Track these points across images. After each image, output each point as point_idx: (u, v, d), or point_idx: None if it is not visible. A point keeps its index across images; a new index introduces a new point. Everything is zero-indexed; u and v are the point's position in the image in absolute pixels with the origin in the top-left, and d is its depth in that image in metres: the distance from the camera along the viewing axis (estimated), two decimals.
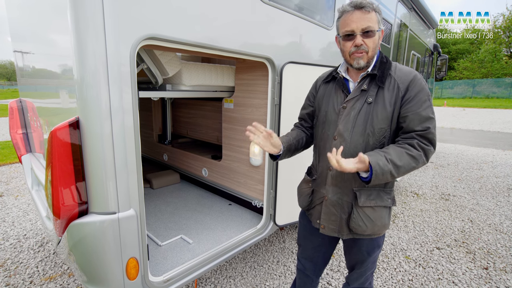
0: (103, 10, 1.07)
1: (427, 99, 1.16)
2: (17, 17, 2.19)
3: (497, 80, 27.59)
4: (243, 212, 2.47)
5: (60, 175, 1.16)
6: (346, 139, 1.24)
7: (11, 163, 5.61)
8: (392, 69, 1.22)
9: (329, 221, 1.33)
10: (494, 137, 9.42)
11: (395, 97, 1.17)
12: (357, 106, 1.22)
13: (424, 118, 1.15)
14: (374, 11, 1.17)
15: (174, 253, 1.84)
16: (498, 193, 4.30)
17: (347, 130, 1.24)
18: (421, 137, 1.14)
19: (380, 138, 1.21)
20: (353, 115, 1.22)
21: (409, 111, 1.15)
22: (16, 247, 2.71)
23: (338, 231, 1.33)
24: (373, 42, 1.19)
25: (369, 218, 1.24)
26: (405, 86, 1.17)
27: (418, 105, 1.15)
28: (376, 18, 1.18)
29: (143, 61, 2.00)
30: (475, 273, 2.42)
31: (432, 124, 1.15)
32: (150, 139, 3.88)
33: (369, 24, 1.16)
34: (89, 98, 1.13)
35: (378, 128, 1.19)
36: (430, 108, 1.17)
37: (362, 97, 1.22)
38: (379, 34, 1.20)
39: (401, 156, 1.12)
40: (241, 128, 2.44)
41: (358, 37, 1.17)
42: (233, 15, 1.59)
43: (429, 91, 1.20)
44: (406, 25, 4.11)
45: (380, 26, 1.20)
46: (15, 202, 3.72)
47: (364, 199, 1.25)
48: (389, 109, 1.18)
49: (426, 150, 1.14)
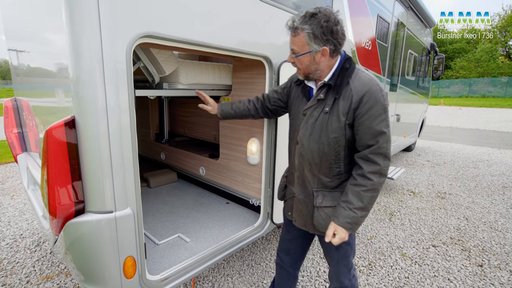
0: (98, 8, 1.06)
1: (382, 113, 1.16)
2: (11, 14, 2.16)
3: (493, 80, 27.79)
4: (241, 211, 2.47)
5: (56, 174, 1.15)
6: (304, 145, 1.31)
7: (7, 163, 5.57)
8: (352, 76, 1.21)
9: (298, 216, 1.44)
10: (490, 136, 9.50)
11: (348, 107, 1.18)
12: (314, 114, 1.27)
13: (377, 133, 1.16)
14: (305, 34, 1.15)
15: (172, 251, 1.84)
16: (493, 191, 4.34)
17: (305, 136, 1.30)
18: (372, 154, 1.17)
19: (335, 146, 1.24)
20: (311, 122, 1.28)
21: (362, 125, 1.17)
22: (12, 246, 2.69)
23: (305, 226, 1.43)
24: (300, 63, 1.24)
25: (328, 217, 1.30)
26: (359, 99, 1.16)
27: (371, 120, 1.16)
28: (303, 41, 1.17)
29: (139, 59, 1.98)
30: (470, 270, 2.45)
31: (383, 138, 1.16)
32: (147, 138, 3.86)
33: (292, 47, 1.22)
34: (85, 96, 1.12)
35: (332, 137, 1.23)
36: (384, 122, 1.17)
37: (319, 106, 1.26)
38: (312, 55, 1.20)
39: (360, 197, 1.19)
40: (238, 126, 2.44)
41: (289, 55, 1.26)
42: (231, 13, 1.58)
43: (386, 104, 1.18)
44: (403, 24, 4.12)
45: (313, 47, 1.17)
46: (11, 202, 3.69)
47: (321, 200, 1.32)
48: (342, 119, 1.20)
49: (378, 170, 1.17)
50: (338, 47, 1.21)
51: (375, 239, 2.91)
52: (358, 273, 2.39)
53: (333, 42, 1.18)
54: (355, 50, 2.90)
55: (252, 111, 1.68)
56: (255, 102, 1.67)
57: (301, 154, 1.34)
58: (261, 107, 1.66)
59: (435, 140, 8.62)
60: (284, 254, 1.65)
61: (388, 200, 3.95)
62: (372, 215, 3.46)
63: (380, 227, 3.18)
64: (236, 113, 1.71)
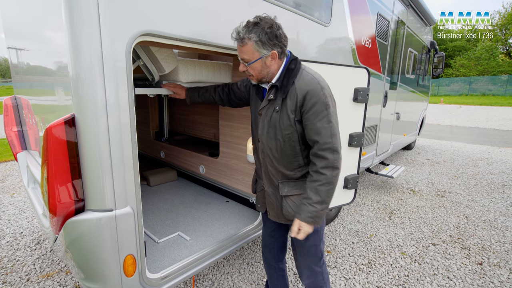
0: (98, 6, 1.06)
1: (324, 109, 1.26)
2: (11, 13, 2.16)
3: (493, 78, 27.76)
4: (241, 209, 2.48)
5: (56, 172, 1.15)
6: (263, 142, 1.41)
7: (6, 161, 5.57)
8: (297, 76, 1.31)
9: (270, 209, 1.52)
10: (490, 134, 9.50)
11: (295, 105, 1.28)
12: (268, 113, 1.36)
13: (320, 129, 1.26)
14: (253, 42, 1.23)
15: (172, 250, 1.84)
16: (493, 190, 4.35)
17: (263, 134, 1.40)
18: (320, 150, 1.27)
19: (290, 142, 1.34)
20: (266, 121, 1.37)
21: (307, 121, 1.28)
22: (12, 245, 2.69)
23: (278, 218, 1.51)
24: (253, 70, 1.31)
25: (295, 204, 1.40)
26: (302, 97, 1.26)
27: (314, 116, 1.26)
28: (252, 48, 1.25)
29: (139, 58, 1.98)
30: (469, 268, 2.46)
31: (326, 134, 1.26)
32: (147, 136, 3.86)
33: (243, 56, 1.29)
34: (85, 95, 1.12)
35: (285, 134, 1.33)
36: (325, 118, 1.26)
37: (271, 105, 1.35)
38: (263, 60, 1.28)
39: (317, 192, 1.28)
40: (238, 125, 2.44)
41: (241, 65, 1.33)
42: (230, 11, 1.58)
43: (327, 101, 1.27)
44: (404, 22, 4.11)
45: (263, 52, 1.26)
46: (11, 200, 3.70)
47: (287, 189, 1.42)
48: (291, 117, 1.30)
49: (327, 164, 1.26)
50: (284, 49, 1.32)
51: (375, 238, 2.92)
52: (358, 271, 2.39)
53: (279, 45, 1.28)
54: (355, 48, 2.89)
55: (217, 101, 1.81)
56: (221, 93, 1.77)
57: (262, 151, 1.44)
58: (226, 99, 1.76)
59: (435, 139, 8.62)
60: (266, 249, 1.72)
61: (388, 199, 3.95)
62: (372, 214, 3.47)
63: (380, 225, 3.19)
64: (202, 101, 1.86)
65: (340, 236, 2.94)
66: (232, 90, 1.73)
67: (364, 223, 3.24)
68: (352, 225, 3.17)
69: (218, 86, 1.80)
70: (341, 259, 2.55)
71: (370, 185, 4.52)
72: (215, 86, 1.81)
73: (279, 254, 1.70)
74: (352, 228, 3.12)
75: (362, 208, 3.63)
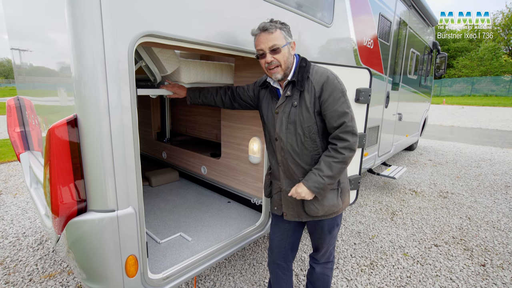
0: (100, 7, 1.06)
1: (341, 96, 1.35)
2: (14, 14, 2.17)
3: (495, 78, 27.60)
4: (242, 210, 2.48)
5: (58, 173, 1.15)
6: (283, 140, 1.44)
7: (10, 161, 5.60)
8: (310, 71, 1.40)
9: (289, 208, 1.54)
10: (493, 135, 9.45)
11: (313, 97, 1.36)
12: (286, 110, 1.42)
13: (341, 114, 1.34)
14: (279, 29, 1.35)
15: (173, 250, 1.84)
16: (496, 191, 4.32)
17: (282, 132, 1.44)
18: (341, 133, 1.34)
19: (310, 134, 1.40)
20: (284, 118, 1.42)
21: (327, 109, 1.35)
22: (15, 245, 2.71)
23: (298, 216, 1.53)
24: (282, 56, 1.37)
25: (318, 201, 1.44)
26: (320, 88, 1.35)
27: (333, 103, 1.34)
28: (281, 35, 1.35)
29: (141, 59, 1.98)
30: (472, 270, 2.44)
31: (347, 118, 1.34)
32: (148, 137, 3.87)
33: (273, 43, 1.34)
34: (87, 95, 1.12)
35: (306, 126, 1.39)
36: (345, 103, 1.36)
37: (288, 102, 1.42)
38: (289, 47, 1.39)
39: (330, 166, 1.34)
40: (240, 126, 2.44)
41: (268, 55, 1.36)
42: (232, 12, 1.58)
43: (343, 88, 1.38)
44: (406, 22, 4.10)
45: (288, 39, 1.38)
46: (13, 200, 3.71)
47: None
48: (311, 109, 1.37)
49: (348, 145, 1.33)
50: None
51: (377, 239, 2.91)
52: (360, 272, 2.38)
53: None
54: (357, 49, 2.88)
55: (218, 103, 1.82)
56: (223, 96, 1.79)
57: (282, 149, 1.47)
58: (228, 103, 1.78)
59: (437, 139, 8.59)
60: (275, 250, 1.69)
61: (390, 200, 3.94)
62: (374, 215, 3.46)
63: (382, 226, 3.18)
64: (203, 102, 1.86)
65: (342, 237, 2.93)
66: (238, 92, 1.73)
67: (366, 224, 3.22)
68: (354, 226, 3.16)
69: (220, 88, 1.81)
70: (343, 260, 2.54)
71: (372, 186, 4.51)
72: (217, 88, 1.82)
73: (290, 254, 1.69)
74: (354, 229, 3.11)
75: (364, 209, 3.62)
